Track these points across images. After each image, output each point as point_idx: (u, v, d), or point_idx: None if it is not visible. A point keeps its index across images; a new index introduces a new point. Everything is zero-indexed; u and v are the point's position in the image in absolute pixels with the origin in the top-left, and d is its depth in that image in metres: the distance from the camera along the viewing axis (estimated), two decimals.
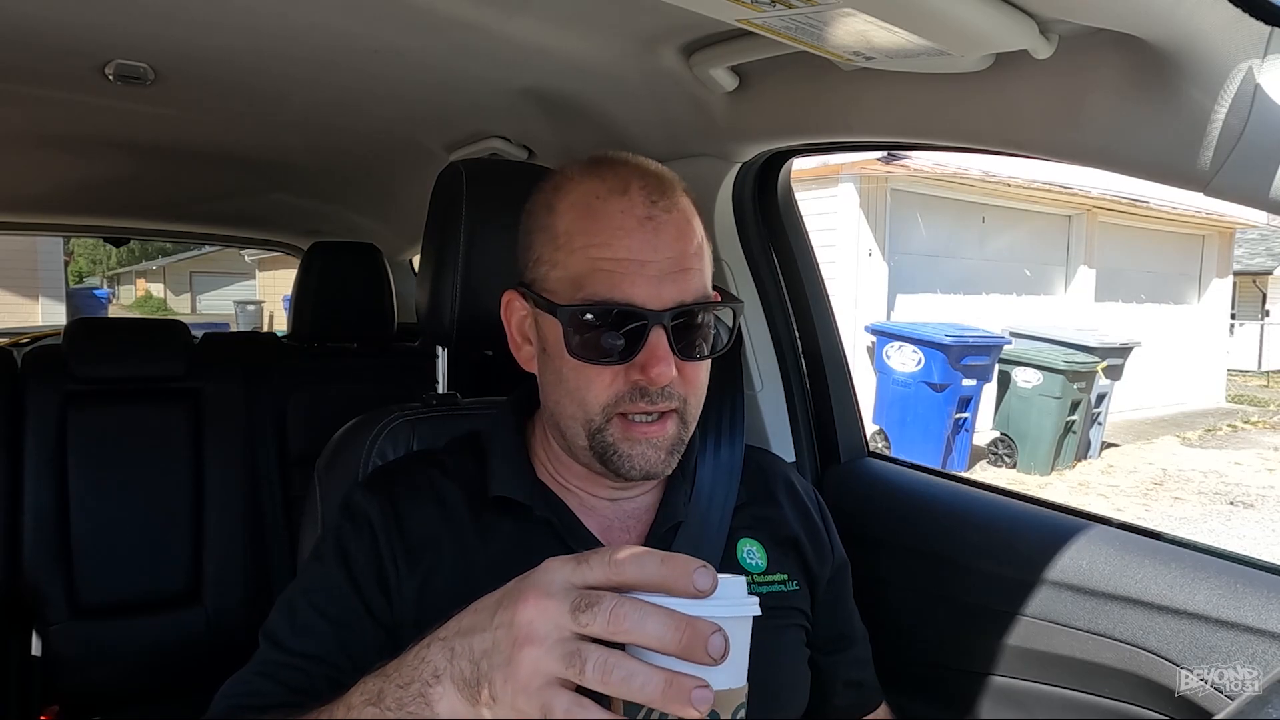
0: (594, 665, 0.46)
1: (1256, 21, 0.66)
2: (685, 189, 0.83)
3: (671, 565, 0.48)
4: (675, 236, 0.77)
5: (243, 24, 1.13)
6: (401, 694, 0.54)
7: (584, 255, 0.76)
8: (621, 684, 0.46)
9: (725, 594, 0.49)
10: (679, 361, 0.77)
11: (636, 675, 0.46)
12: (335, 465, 1.03)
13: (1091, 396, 7.16)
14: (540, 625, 0.48)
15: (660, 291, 0.75)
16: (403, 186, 2.18)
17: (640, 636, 0.46)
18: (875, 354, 7.00)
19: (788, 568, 0.91)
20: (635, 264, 0.75)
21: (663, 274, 0.75)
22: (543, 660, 0.47)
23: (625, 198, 0.77)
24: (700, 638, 0.45)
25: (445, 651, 0.53)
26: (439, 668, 0.52)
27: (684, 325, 0.77)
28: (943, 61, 0.85)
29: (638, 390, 0.77)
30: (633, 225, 0.76)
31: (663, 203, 0.77)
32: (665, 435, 0.79)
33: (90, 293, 15.82)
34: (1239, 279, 14.00)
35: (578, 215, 0.78)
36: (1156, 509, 6.17)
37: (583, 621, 0.47)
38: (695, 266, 0.78)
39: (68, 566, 1.86)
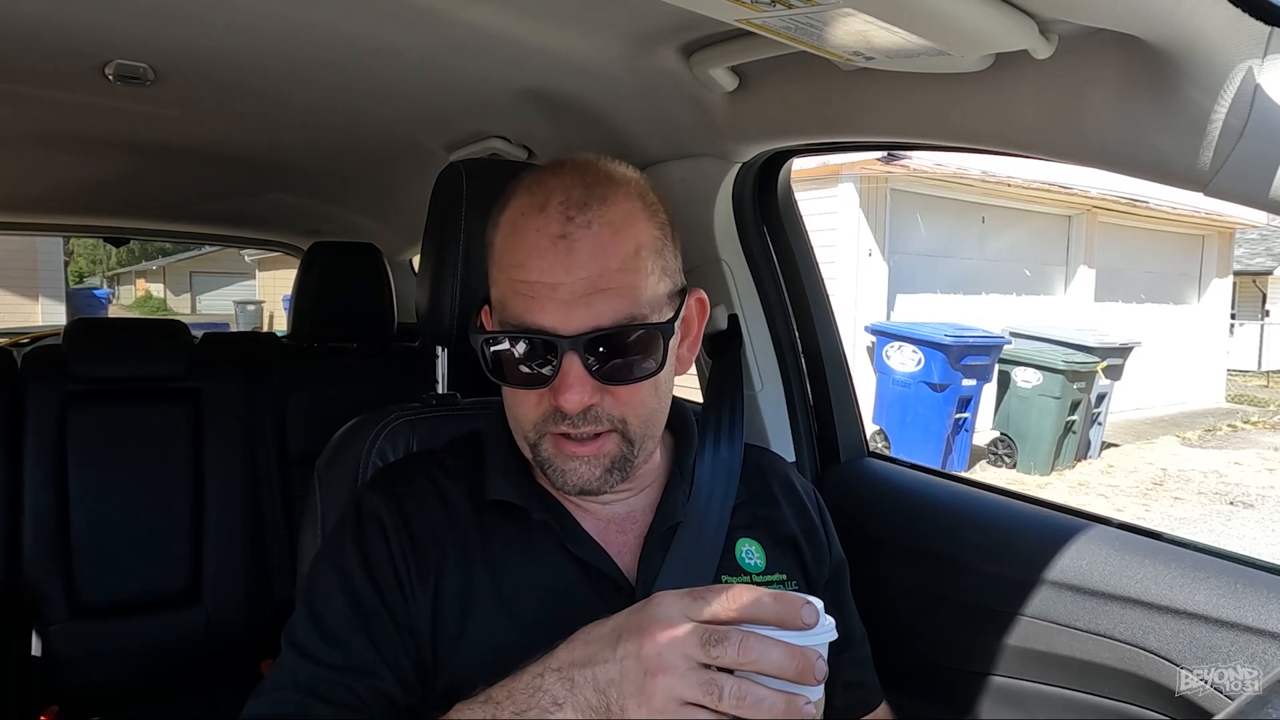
0: (730, 692, 0.54)
1: (1256, 21, 0.66)
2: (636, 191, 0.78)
3: (784, 603, 0.57)
4: (592, 254, 0.72)
5: (243, 24, 1.13)
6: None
7: (506, 276, 0.76)
8: (754, 707, 0.54)
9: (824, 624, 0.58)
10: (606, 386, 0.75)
11: (766, 699, 0.54)
12: (335, 465, 1.03)
13: (1091, 396, 7.16)
14: (671, 656, 0.55)
15: (570, 316, 0.72)
16: (403, 186, 2.18)
17: (765, 666, 0.55)
18: (875, 354, 7.00)
19: (786, 567, 0.91)
20: (546, 287, 0.72)
21: (574, 296, 0.72)
22: (677, 687, 0.55)
23: (542, 215, 0.74)
24: (810, 665, 0.55)
25: (564, 682, 0.58)
26: (559, 696, 0.58)
27: (604, 348, 0.73)
28: (942, 61, 0.85)
29: (559, 414, 0.75)
30: (545, 245, 0.73)
31: (581, 217, 0.73)
32: (601, 453, 0.77)
33: (90, 293, 15.82)
34: (1239, 279, 14.00)
35: (506, 234, 0.77)
36: (1156, 509, 6.17)
37: (714, 654, 0.55)
38: (617, 284, 0.73)
39: (67, 566, 1.86)
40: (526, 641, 0.77)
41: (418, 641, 0.77)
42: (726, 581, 0.86)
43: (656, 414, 0.81)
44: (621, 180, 0.78)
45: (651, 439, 0.81)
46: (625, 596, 0.81)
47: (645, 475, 0.87)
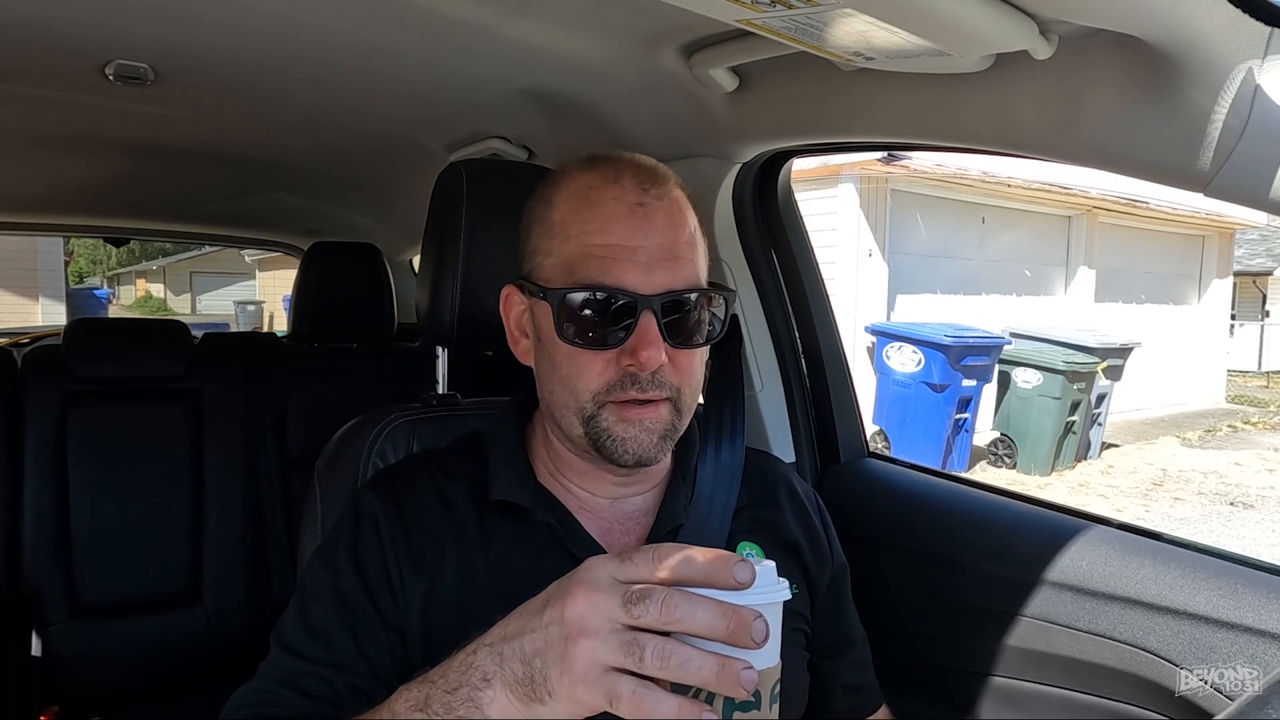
0: (652, 652, 0.50)
1: (1256, 22, 0.66)
2: (680, 184, 0.84)
3: (713, 559, 0.52)
4: (666, 224, 0.78)
5: (243, 24, 1.13)
6: (449, 699, 0.56)
7: (577, 242, 0.78)
8: (679, 669, 0.50)
9: (760, 582, 0.53)
10: (670, 350, 0.77)
11: (692, 660, 0.50)
12: (335, 465, 1.03)
13: (1091, 397, 7.16)
14: (593, 618, 0.52)
15: (650, 277, 0.76)
16: (403, 187, 2.18)
17: (692, 625, 0.50)
18: (875, 354, 7.00)
19: (787, 571, 0.90)
20: (626, 250, 0.76)
21: (653, 260, 0.76)
22: (599, 651, 0.51)
23: (617, 185, 0.78)
24: (745, 624, 0.50)
25: (494, 656, 0.56)
26: (488, 672, 0.55)
27: (675, 312, 0.77)
28: (943, 62, 0.85)
29: (629, 378, 0.77)
30: (624, 212, 0.77)
31: (654, 190, 0.79)
32: (658, 418, 0.79)
33: (90, 293, 15.82)
34: (1239, 279, 14.00)
35: (573, 205, 0.79)
36: (1156, 510, 6.17)
37: (635, 613, 0.51)
38: (687, 255, 0.79)
39: (67, 566, 1.86)
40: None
41: (406, 641, 0.78)
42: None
43: (698, 388, 0.84)
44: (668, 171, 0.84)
45: (690, 412, 0.83)
46: None
47: (654, 473, 0.88)
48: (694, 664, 0.50)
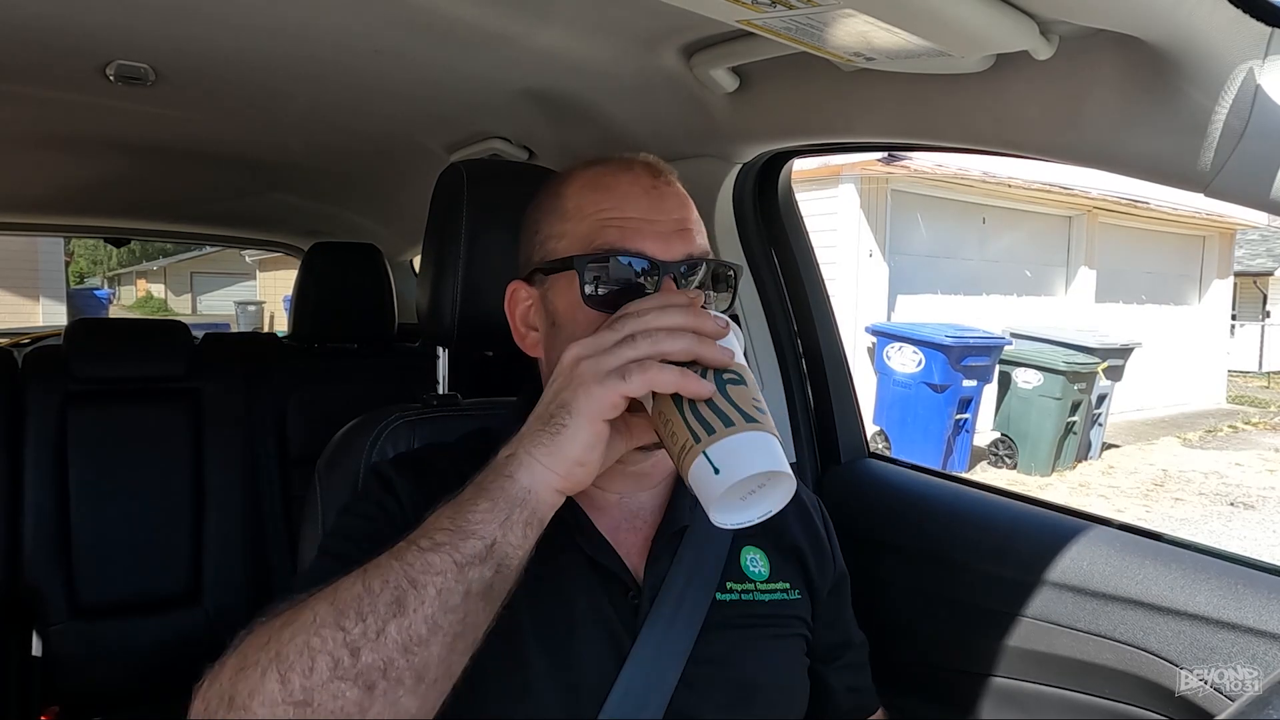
0: (642, 337, 0.63)
1: (1257, 22, 0.67)
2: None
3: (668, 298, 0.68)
4: (678, 204, 0.82)
5: (243, 24, 1.13)
6: (480, 480, 0.63)
7: (594, 219, 0.80)
8: (666, 340, 0.63)
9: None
10: None
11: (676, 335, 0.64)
12: (336, 465, 1.03)
13: (1092, 397, 7.16)
14: (585, 347, 0.64)
15: (669, 245, 0.79)
16: (403, 187, 2.19)
17: (664, 320, 0.64)
18: (875, 355, 7.00)
19: (790, 576, 0.91)
20: (644, 222, 0.79)
21: (670, 232, 0.80)
22: (600, 362, 0.63)
23: (630, 172, 0.82)
24: (704, 314, 0.65)
25: (511, 444, 0.64)
26: (513, 449, 0.64)
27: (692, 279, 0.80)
28: (943, 62, 0.85)
29: None
30: (639, 192, 0.81)
31: (664, 177, 0.84)
32: None
33: (91, 293, 15.83)
34: (1239, 280, 14.00)
35: (587, 191, 0.82)
36: (1157, 510, 6.16)
37: (617, 326, 0.65)
38: (698, 230, 0.83)
39: (68, 566, 1.86)
40: (533, 635, 0.77)
41: None
42: (731, 588, 0.86)
43: None
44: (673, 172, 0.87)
45: None
46: (632, 598, 0.81)
47: (660, 470, 0.88)
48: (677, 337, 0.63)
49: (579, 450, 0.62)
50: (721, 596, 0.85)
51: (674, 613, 0.81)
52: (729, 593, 0.86)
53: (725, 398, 0.63)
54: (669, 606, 0.81)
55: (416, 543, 0.60)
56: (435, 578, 0.57)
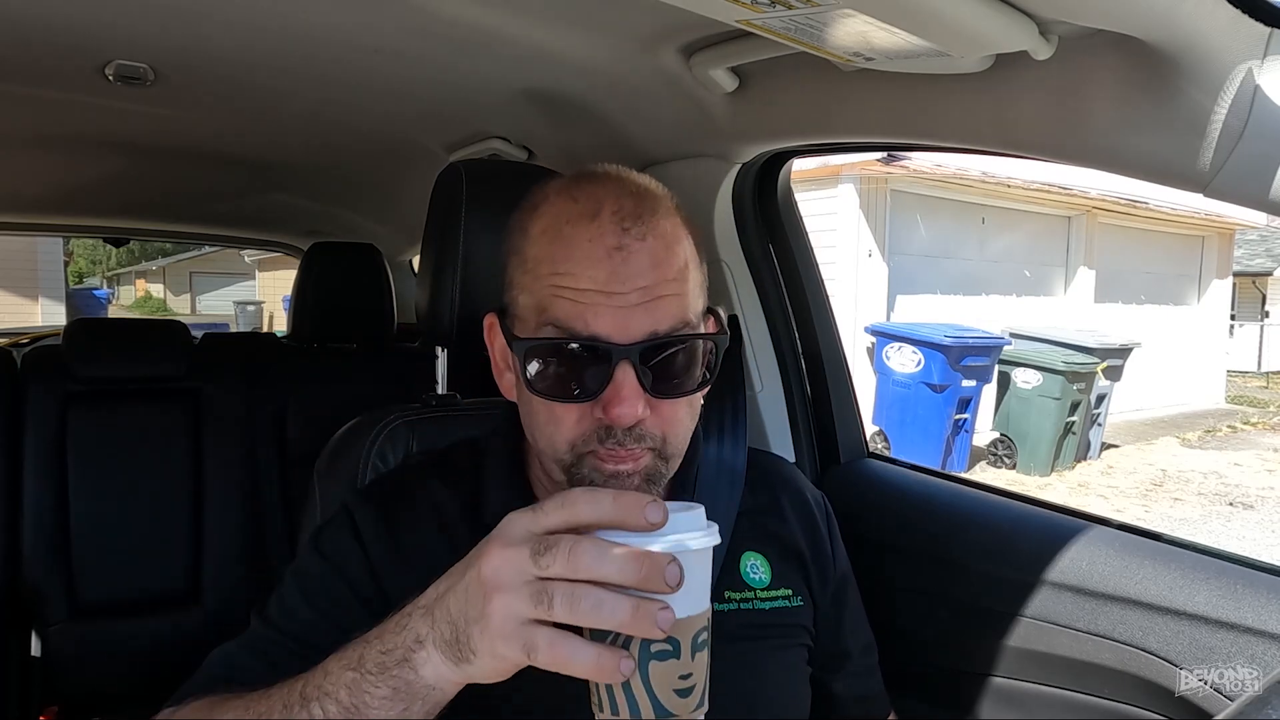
0: (561, 599, 0.50)
1: (1256, 23, 0.67)
2: (674, 205, 0.76)
3: (623, 501, 0.52)
4: (649, 264, 0.70)
5: (243, 24, 1.13)
6: (384, 659, 0.56)
7: (549, 284, 0.71)
8: (591, 612, 0.50)
9: (685, 526, 0.53)
10: (652, 399, 0.71)
11: (604, 603, 0.50)
12: (335, 466, 1.03)
13: (1091, 397, 7.16)
14: (505, 573, 0.52)
15: (628, 323, 0.69)
16: (403, 187, 2.18)
17: (600, 572, 0.50)
18: (875, 355, 7.00)
19: (792, 582, 0.89)
20: (601, 295, 0.69)
21: (630, 305, 0.69)
22: (513, 604, 0.51)
23: (595, 224, 0.70)
24: (657, 568, 0.50)
25: (426, 618, 0.55)
26: (421, 633, 0.55)
27: (658, 359, 0.70)
28: (943, 62, 0.85)
29: (604, 430, 0.70)
30: (600, 255, 0.69)
31: (636, 229, 0.70)
32: (639, 466, 0.72)
33: (90, 293, 15.81)
34: (1239, 280, 14.00)
35: (547, 241, 0.72)
36: (1156, 510, 6.17)
37: (544, 564, 0.51)
38: (672, 292, 0.71)
39: (67, 566, 1.86)
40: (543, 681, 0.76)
41: None
42: (730, 598, 0.84)
43: (687, 433, 0.77)
44: (660, 194, 0.76)
45: (678, 457, 0.77)
46: None
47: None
48: (606, 607, 0.50)
49: (487, 676, 0.54)
50: (720, 607, 0.83)
51: None
52: (728, 602, 0.84)
53: (643, 679, 0.53)
54: None
55: (312, 703, 0.58)
56: None
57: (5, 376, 1.89)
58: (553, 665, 0.51)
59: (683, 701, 0.54)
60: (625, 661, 0.51)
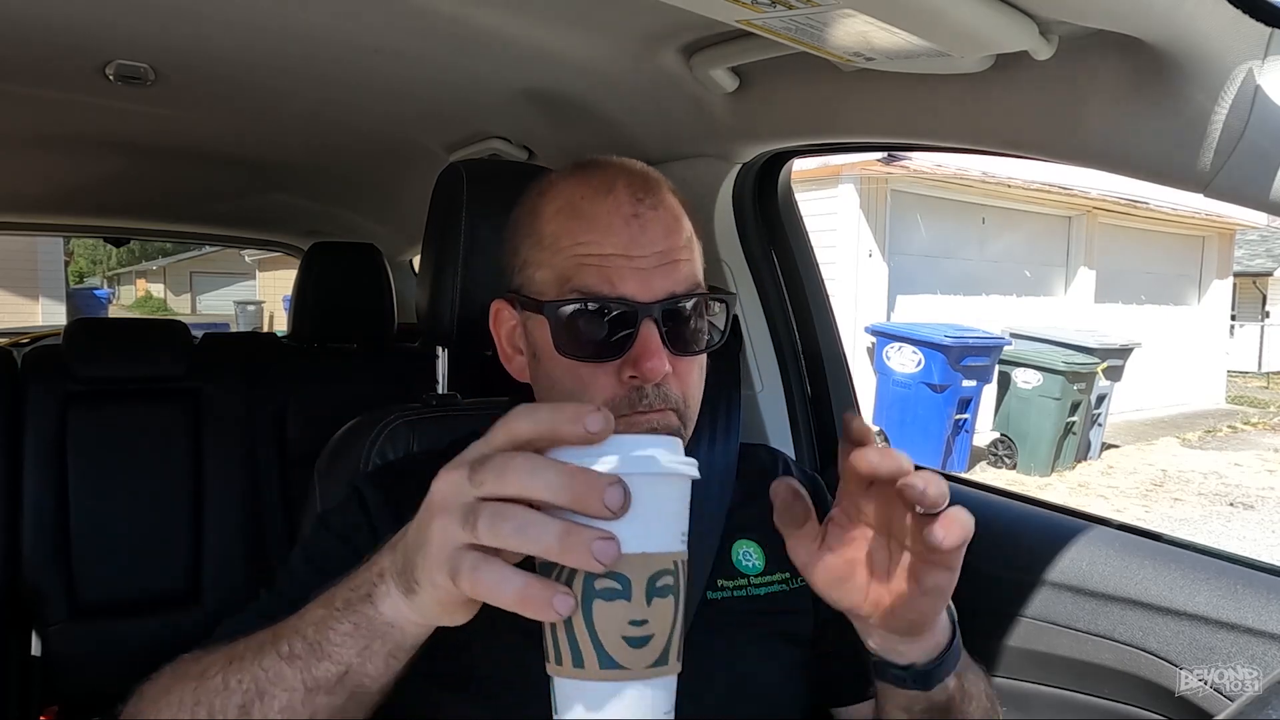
0: (485, 519, 0.45)
1: (1257, 23, 0.67)
2: (673, 189, 0.82)
3: (561, 411, 0.47)
4: (663, 232, 0.76)
5: (243, 24, 1.13)
6: (350, 595, 0.55)
7: (570, 253, 0.75)
8: (515, 535, 0.44)
9: (647, 449, 0.47)
10: (673, 358, 0.75)
11: (530, 525, 0.44)
12: (335, 465, 1.03)
13: (1091, 397, 7.16)
14: (446, 494, 0.48)
15: (649, 284, 0.74)
16: (403, 187, 2.19)
17: (529, 487, 0.45)
18: (875, 355, 7.00)
19: (789, 565, 0.89)
20: (623, 259, 0.74)
21: (651, 268, 0.74)
22: (448, 527, 0.47)
23: (611, 196, 0.76)
24: (593, 488, 0.44)
25: (390, 552, 0.54)
26: (384, 567, 0.53)
27: (675, 319, 0.75)
28: (943, 62, 0.85)
29: (635, 392, 0.75)
30: (619, 223, 0.75)
31: (649, 199, 0.76)
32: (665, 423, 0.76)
33: (90, 293, 15.81)
34: (1239, 280, 14.00)
35: (564, 217, 0.77)
36: (1156, 510, 6.17)
37: (477, 480, 0.46)
38: (685, 258, 0.77)
39: (67, 566, 1.86)
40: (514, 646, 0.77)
41: None
42: (723, 585, 0.84)
43: (699, 398, 0.81)
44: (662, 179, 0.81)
45: (693, 423, 0.81)
46: None
47: None
48: (532, 529, 0.44)
49: (433, 611, 0.51)
50: (712, 595, 0.83)
51: None
52: (720, 590, 0.84)
53: (586, 621, 0.46)
54: None
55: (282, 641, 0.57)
56: (282, 694, 0.56)
57: (5, 376, 1.89)
58: (477, 593, 0.46)
59: (635, 653, 0.46)
60: (561, 597, 0.44)
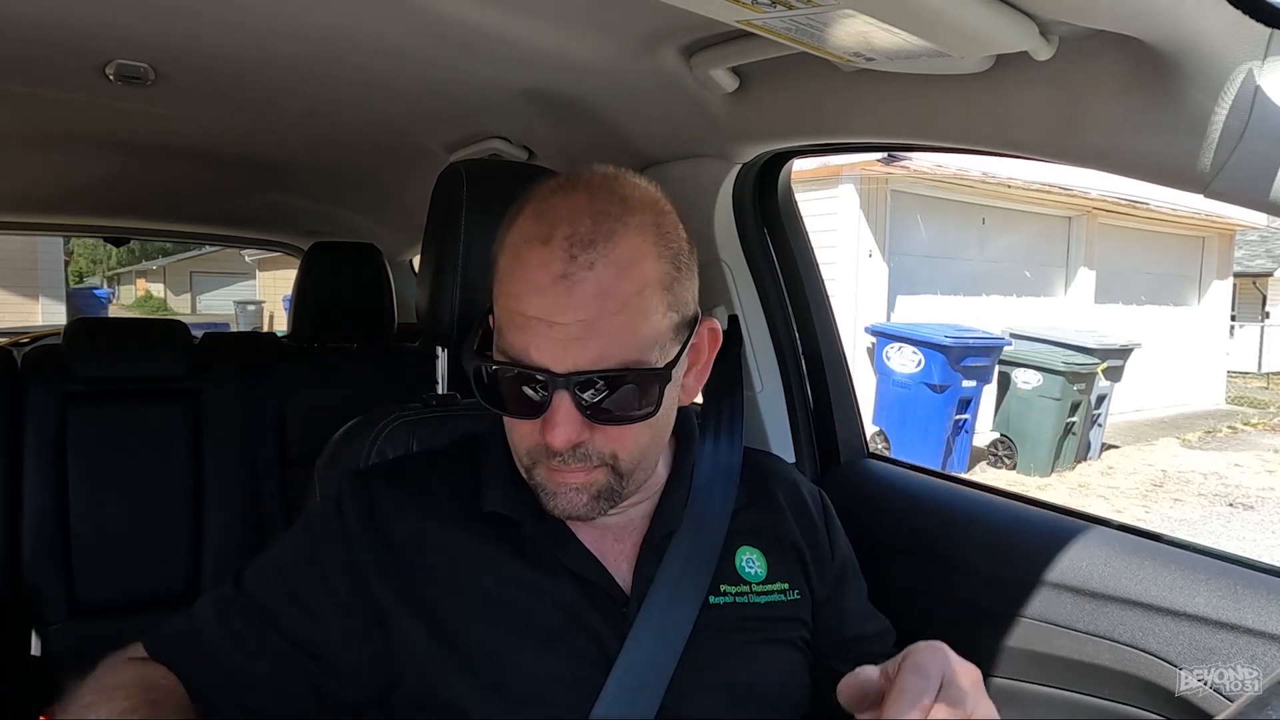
0: None
1: (1257, 23, 0.67)
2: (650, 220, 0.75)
3: None
4: (593, 295, 0.69)
5: (243, 24, 1.13)
6: None
7: (505, 303, 0.74)
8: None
9: None
10: (595, 425, 0.73)
11: None
12: (335, 465, 1.03)
13: (1091, 398, 7.16)
14: None
15: (565, 355, 0.70)
16: (403, 187, 2.18)
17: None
18: (875, 355, 7.00)
19: (790, 576, 0.89)
20: (543, 324, 0.70)
21: (570, 338, 0.70)
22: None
23: (546, 249, 0.70)
24: None
25: None
26: None
27: (593, 390, 0.72)
28: (943, 63, 0.85)
29: (547, 448, 0.74)
30: (545, 283, 0.70)
31: (584, 256, 0.70)
32: (590, 483, 0.76)
33: (90, 293, 15.80)
34: (1239, 281, 14.00)
35: (509, 260, 0.75)
36: (1156, 511, 6.16)
37: None
38: (615, 327, 0.71)
39: (67, 566, 1.86)
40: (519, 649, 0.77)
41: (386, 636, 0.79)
42: (725, 591, 0.85)
43: (650, 449, 0.80)
44: (636, 207, 0.74)
45: (644, 470, 0.80)
46: (619, 605, 0.80)
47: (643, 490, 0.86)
48: None
49: None
50: (715, 600, 0.84)
51: (662, 618, 0.79)
52: (723, 595, 0.84)
53: None
54: (656, 612, 0.79)
55: None
56: None
57: (5, 376, 1.89)
58: None
59: None
60: None
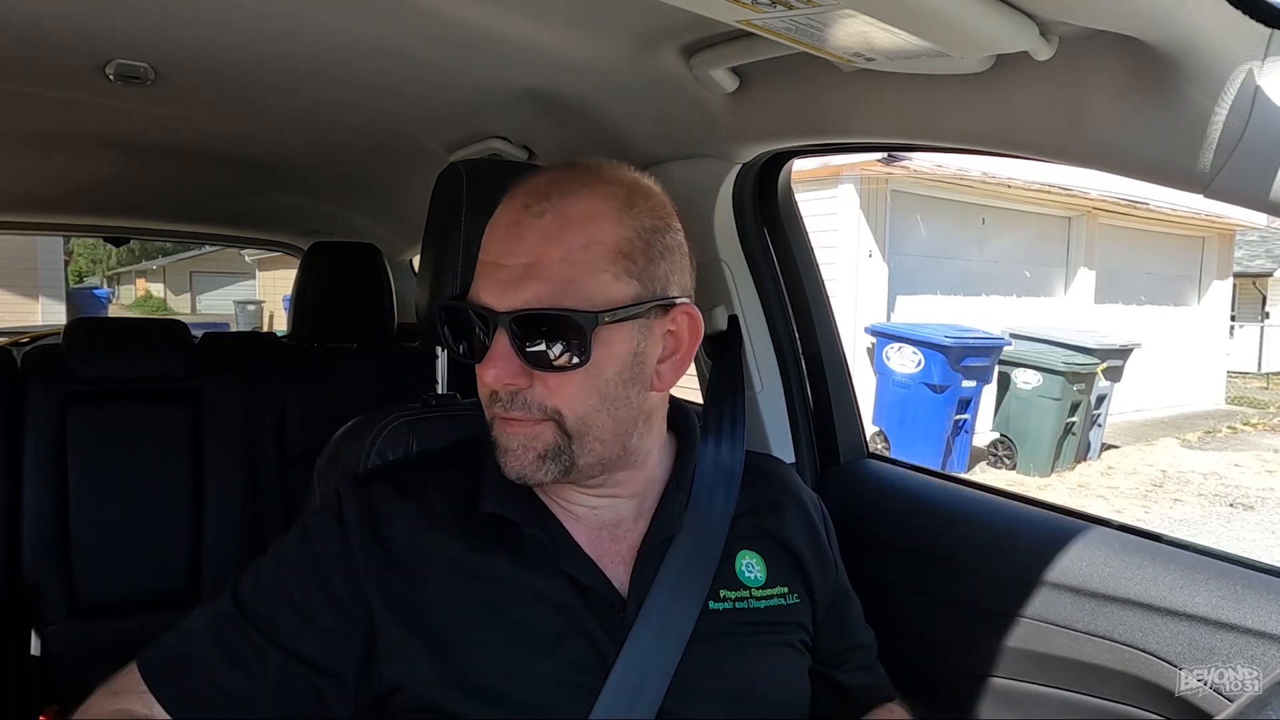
0: None
1: (1257, 23, 0.67)
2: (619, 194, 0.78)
3: None
4: (538, 241, 0.74)
5: (243, 24, 1.13)
6: None
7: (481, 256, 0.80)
8: None
9: None
10: (537, 371, 0.75)
11: None
12: (335, 465, 1.03)
13: (1091, 398, 7.16)
14: None
15: (503, 294, 0.74)
16: (403, 186, 2.18)
17: None
18: (875, 355, 7.00)
19: (789, 580, 0.89)
20: (493, 267, 0.76)
21: (512, 278, 0.74)
22: None
23: (508, 203, 0.78)
24: None
25: None
26: None
27: (531, 332, 0.73)
28: (943, 63, 0.85)
29: (492, 393, 0.77)
30: (501, 230, 0.77)
31: (536, 206, 0.75)
32: (532, 435, 0.76)
33: (90, 292, 15.81)
34: (1239, 281, 14.00)
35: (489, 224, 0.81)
36: (1156, 511, 6.16)
37: None
38: (554, 274, 0.73)
39: (67, 566, 1.86)
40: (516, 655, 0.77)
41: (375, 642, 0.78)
42: (725, 596, 0.84)
43: (597, 414, 0.77)
44: (609, 180, 0.79)
45: (597, 440, 0.78)
46: (617, 611, 0.80)
47: (635, 480, 0.85)
48: None
49: None
50: (715, 605, 0.83)
51: (661, 623, 0.79)
52: (723, 600, 0.84)
53: None
54: (656, 617, 0.79)
55: None
56: None
57: (5, 376, 1.89)
58: None
59: None
60: None
